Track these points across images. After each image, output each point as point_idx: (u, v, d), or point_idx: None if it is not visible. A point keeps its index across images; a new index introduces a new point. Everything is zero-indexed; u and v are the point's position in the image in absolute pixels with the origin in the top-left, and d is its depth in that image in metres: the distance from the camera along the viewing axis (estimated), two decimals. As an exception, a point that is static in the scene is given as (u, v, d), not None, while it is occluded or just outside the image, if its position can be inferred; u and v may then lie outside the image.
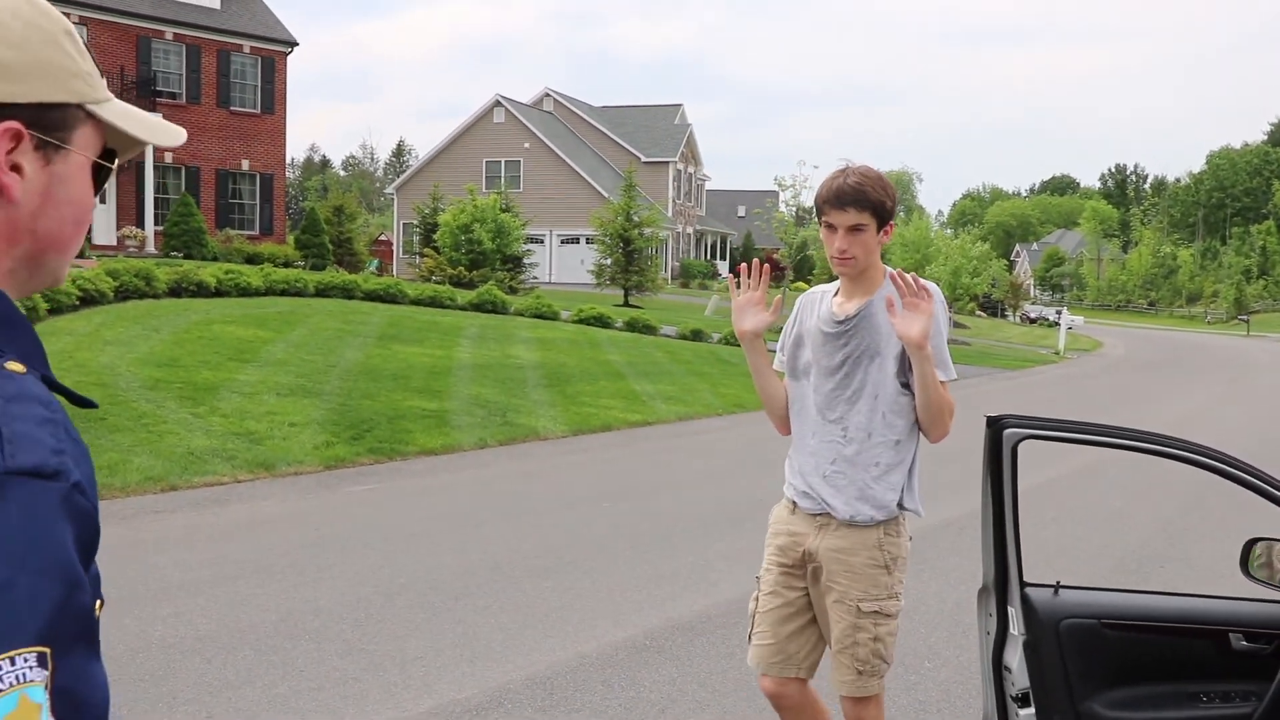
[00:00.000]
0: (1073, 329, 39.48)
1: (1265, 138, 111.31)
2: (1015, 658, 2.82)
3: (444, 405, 12.09)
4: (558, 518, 7.86)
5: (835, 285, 3.10)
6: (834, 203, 2.89)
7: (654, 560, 6.69)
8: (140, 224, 27.43)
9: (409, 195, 48.97)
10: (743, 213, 72.99)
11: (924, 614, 5.57)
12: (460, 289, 24.70)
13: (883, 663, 2.96)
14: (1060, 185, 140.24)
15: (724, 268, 63.19)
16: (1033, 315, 62.96)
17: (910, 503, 2.99)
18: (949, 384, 2.95)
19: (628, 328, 23.03)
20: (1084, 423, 2.80)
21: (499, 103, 51.33)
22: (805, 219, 47.66)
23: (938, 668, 4.97)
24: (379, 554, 6.59)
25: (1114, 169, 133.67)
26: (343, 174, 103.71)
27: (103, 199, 27.49)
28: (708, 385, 16.36)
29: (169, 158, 29.24)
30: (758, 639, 3.09)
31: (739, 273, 3.13)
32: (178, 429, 9.65)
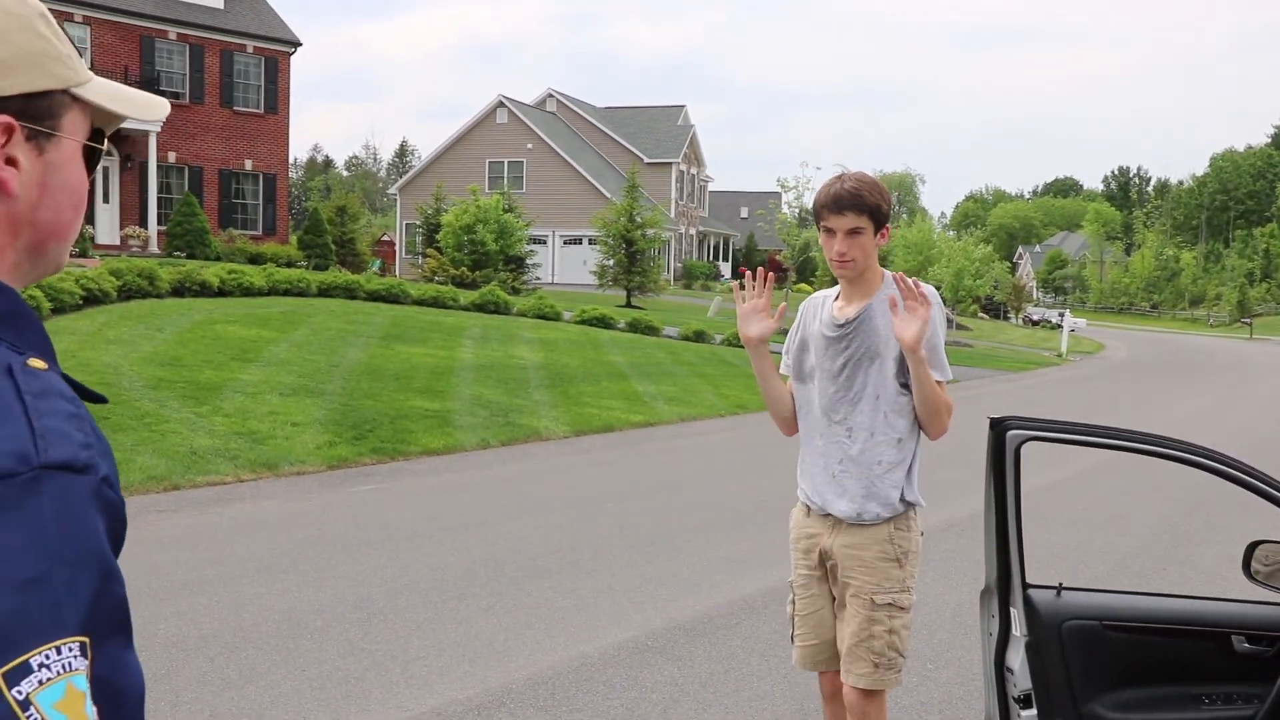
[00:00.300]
0: (1075, 331, 39.40)
1: (1269, 140, 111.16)
2: (1017, 659, 2.82)
3: (446, 405, 12.10)
4: (560, 518, 7.86)
5: (836, 290, 3.20)
6: (832, 207, 2.98)
7: (656, 561, 6.70)
8: (143, 224, 27.46)
9: (412, 196, 48.97)
10: (745, 214, 73.02)
11: (926, 615, 5.57)
12: (463, 289, 24.72)
13: (899, 655, 3.03)
14: (1063, 187, 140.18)
15: (727, 269, 63.16)
16: (1035, 317, 62.86)
17: (910, 494, 3.07)
18: (946, 384, 3.03)
19: (630, 329, 23.05)
20: (1086, 425, 2.81)
21: (502, 103, 51.31)
22: (808, 220, 47.66)
23: (940, 669, 4.97)
24: (381, 554, 6.60)
25: (1117, 171, 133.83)
26: (345, 174, 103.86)
27: (106, 198, 27.56)
28: (710, 386, 16.36)
29: (172, 158, 29.29)
30: (800, 640, 3.21)
31: (742, 275, 3.18)
32: (180, 428, 9.66)
